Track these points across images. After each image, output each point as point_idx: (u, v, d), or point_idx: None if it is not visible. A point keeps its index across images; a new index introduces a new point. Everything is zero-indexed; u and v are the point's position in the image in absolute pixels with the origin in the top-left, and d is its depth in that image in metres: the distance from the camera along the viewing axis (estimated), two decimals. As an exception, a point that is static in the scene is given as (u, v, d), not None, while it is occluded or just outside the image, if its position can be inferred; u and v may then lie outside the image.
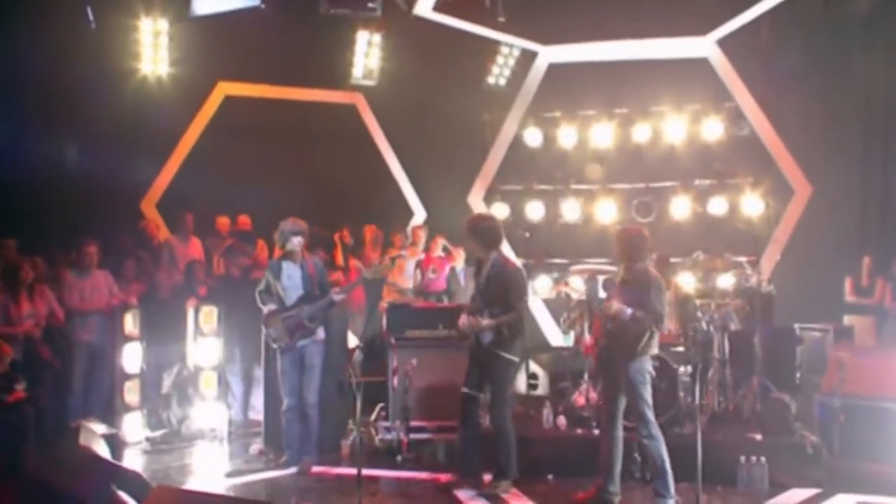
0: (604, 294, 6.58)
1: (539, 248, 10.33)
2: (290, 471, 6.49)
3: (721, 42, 10.02)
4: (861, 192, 9.46)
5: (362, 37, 10.47)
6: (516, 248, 9.97)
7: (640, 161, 10.40)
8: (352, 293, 7.48)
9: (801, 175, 9.65)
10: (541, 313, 10.56)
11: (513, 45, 10.87)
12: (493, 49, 10.89)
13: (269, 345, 6.72)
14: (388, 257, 8.49)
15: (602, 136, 10.39)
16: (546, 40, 10.75)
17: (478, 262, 6.15)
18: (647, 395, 5.53)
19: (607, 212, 10.30)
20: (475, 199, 10.94)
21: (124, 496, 4.42)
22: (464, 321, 5.97)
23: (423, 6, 9.52)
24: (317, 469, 6.53)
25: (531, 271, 9.63)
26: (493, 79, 10.98)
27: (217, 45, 9.75)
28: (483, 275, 6.00)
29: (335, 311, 6.82)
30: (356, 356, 5.88)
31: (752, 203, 9.62)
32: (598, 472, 5.73)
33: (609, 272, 7.09)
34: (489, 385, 5.97)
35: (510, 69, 10.99)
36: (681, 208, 9.99)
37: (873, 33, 9.22)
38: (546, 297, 10.45)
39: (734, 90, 9.97)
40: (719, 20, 9.88)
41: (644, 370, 5.54)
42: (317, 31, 9.98)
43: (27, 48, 8.72)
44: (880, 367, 6.43)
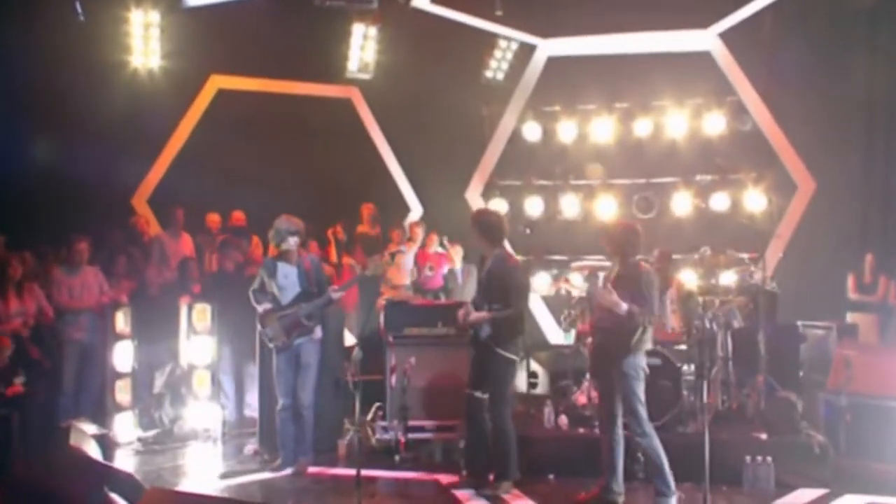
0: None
1: (538, 244, 10.20)
2: (286, 472, 6.40)
3: (723, 35, 9.92)
4: (864, 187, 9.41)
5: (358, 29, 10.29)
6: (515, 244, 9.83)
7: (641, 156, 10.30)
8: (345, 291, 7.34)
9: (804, 170, 9.57)
10: (540, 311, 10.45)
11: (511, 38, 10.73)
12: (492, 42, 10.73)
13: (265, 344, 6.58)
14: (388, 253, 8.37)
15: (602, 130, 10.27)
16: (545, 33, 10.64)
17: (480, 258, 6.13)
18: (640, 391, 5.48)
19: (607, 208, 10.20)
20: (473, 195, 10.82)
21: (117, 499, 4.32)
22: (462, 312, 5.95)
23: (421, -3, 9.44)
24: (313, 470, 6.44)
25: (530, 268, 9.51)
26: (491, 72, 10.82)
27: (209, 37, 9.63)
28: (485, 270, 5.99)
29: (332, 308, 6.72)
30: (355, 354, 5.74)
31: (754, 198, 9.53)
32: (600, 472, 5.68)
33: (609, 269, 6.98)
34: (489, 384, 5.90)
35: (508, 62, 10.83)
36: (682, 204, 9.88)
37: (876, 26, 9.15)
38: (545, 295, 10.35)
39: (736, 84, 9.87)
40: (721, 13, 9.82)
41: (638, 366, 5.49)
42: (311, 23, 9.87)
43: (15, 41, 8.64)
44: (887, 365, 6.40)
